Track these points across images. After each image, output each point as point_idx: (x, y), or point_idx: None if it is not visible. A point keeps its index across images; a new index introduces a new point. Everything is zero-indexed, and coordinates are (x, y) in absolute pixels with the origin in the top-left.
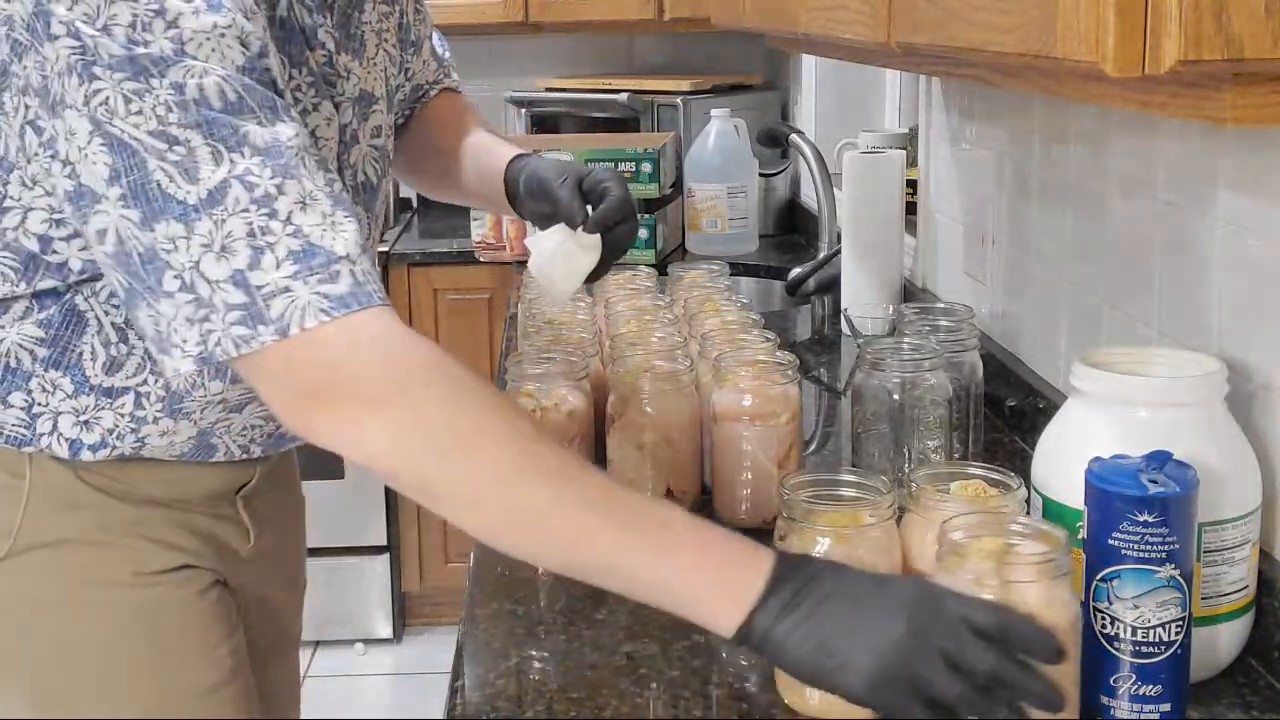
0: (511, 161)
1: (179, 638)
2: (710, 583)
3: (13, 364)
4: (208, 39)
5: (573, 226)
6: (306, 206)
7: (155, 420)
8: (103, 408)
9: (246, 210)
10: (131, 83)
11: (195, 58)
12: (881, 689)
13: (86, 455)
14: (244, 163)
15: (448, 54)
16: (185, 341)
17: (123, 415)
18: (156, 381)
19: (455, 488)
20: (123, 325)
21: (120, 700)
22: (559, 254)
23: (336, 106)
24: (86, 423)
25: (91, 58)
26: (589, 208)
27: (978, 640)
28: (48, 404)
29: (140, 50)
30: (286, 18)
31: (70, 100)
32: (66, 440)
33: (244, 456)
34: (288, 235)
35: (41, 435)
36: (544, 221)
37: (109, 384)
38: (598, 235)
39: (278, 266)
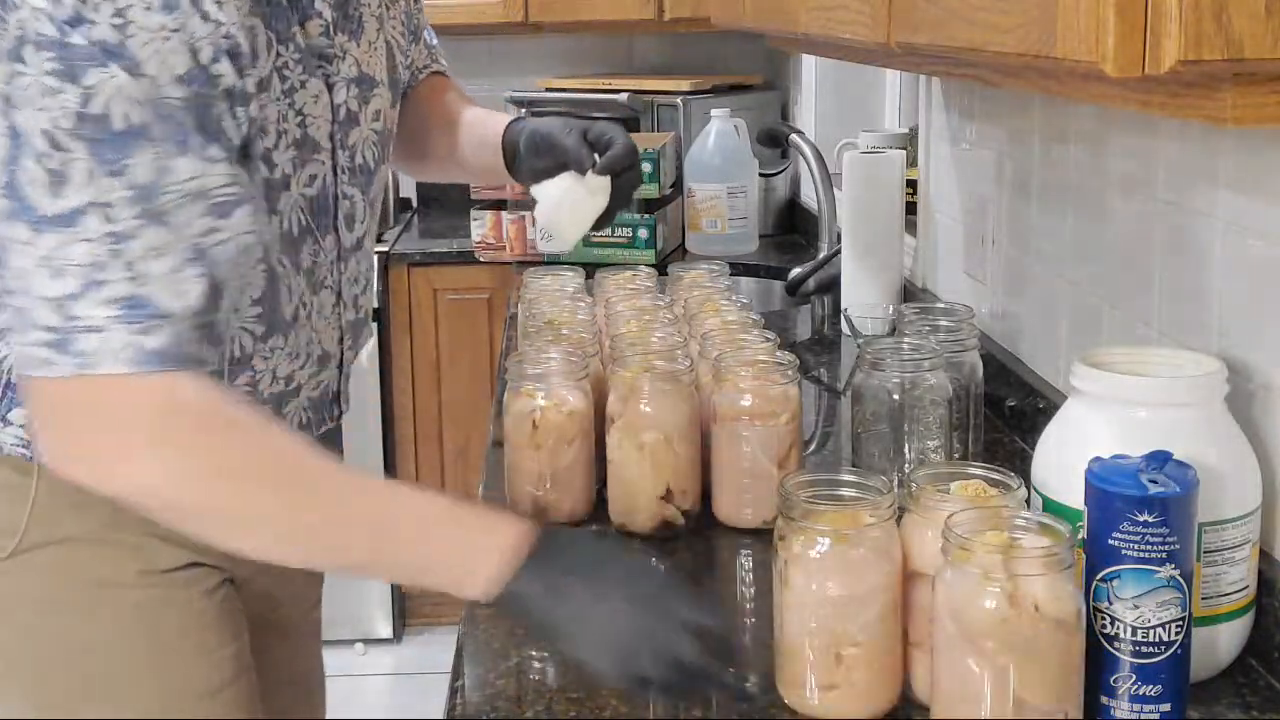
0: (509, 125)
1: (181, 638)
2: (462, 562)
3: (13, 379)
4: (151, 39)
5: (581, 171)
6: (159, 255)
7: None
8: None
9: (95, 241)
10: (52, 77)
11: (130, 57)
12: (616, 660)
13: None
14: (113, 194)
15: (435, 41)
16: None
17: None
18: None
19: (227, 514)
20: None
21: (121, 700)
22: (566, 200)
23: (330, 86)
24: None
25: (20, 37)
26: (595, 155)
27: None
28: None
29: (75, 39)
30: None
31: None
32: None
33: None
34: (126, 279)
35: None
36: (545, 176)
37: None
38: (606, 179)
39: (103, 305)
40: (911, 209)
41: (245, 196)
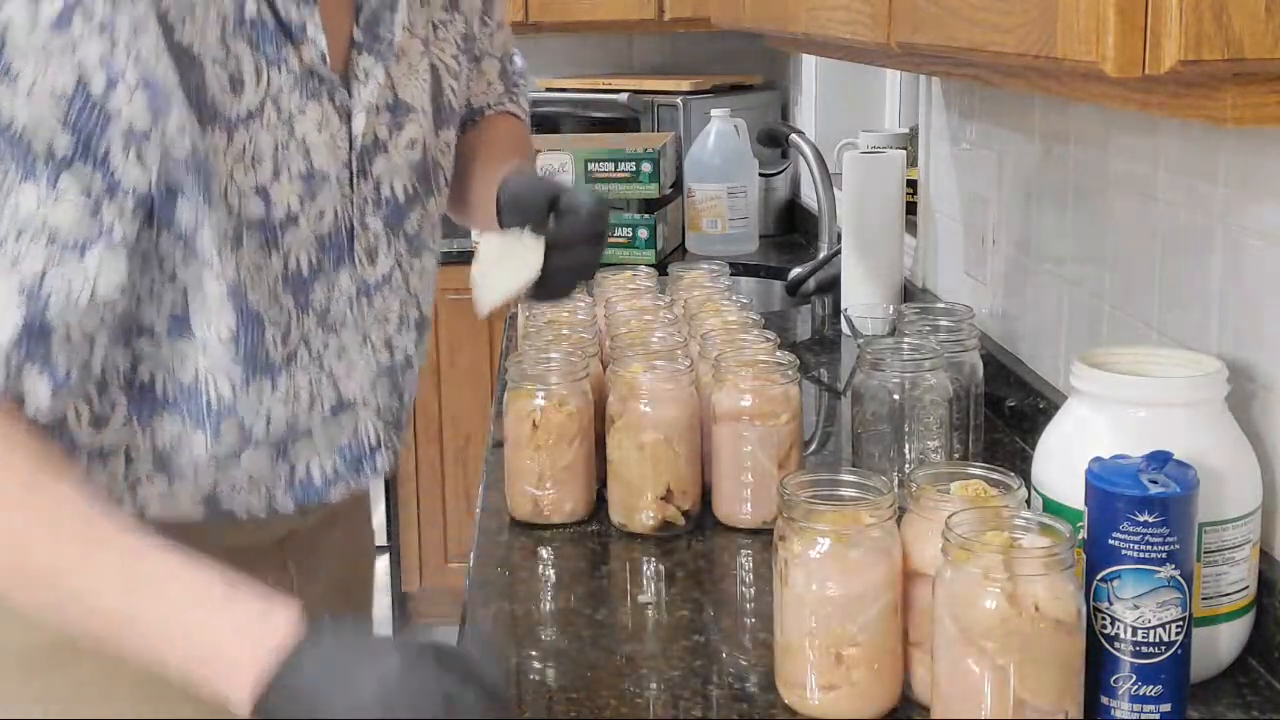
0: (504, 179)
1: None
2: (222, 655)
3: None
4: (34, 55)
5: (530, 228)
6: None
7: (150, 479)
8: (94, 469)
9: None
10: None
11: (11, 73)
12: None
13: None
14: None
15: (520, 80)
16: None
17: (116, 477)
18: (146, 437)
19: None
20: (100, 378)
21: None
22: (496, 256)
23: (345, 112)
24: None
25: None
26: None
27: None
28: None
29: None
30: (257, 16)
31: None
32: None
33: (274, 513)
34: None
35: None
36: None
37: (98, 443)
38: (541, 243)
39: None
40: (912, 209)
41: (111, 241)
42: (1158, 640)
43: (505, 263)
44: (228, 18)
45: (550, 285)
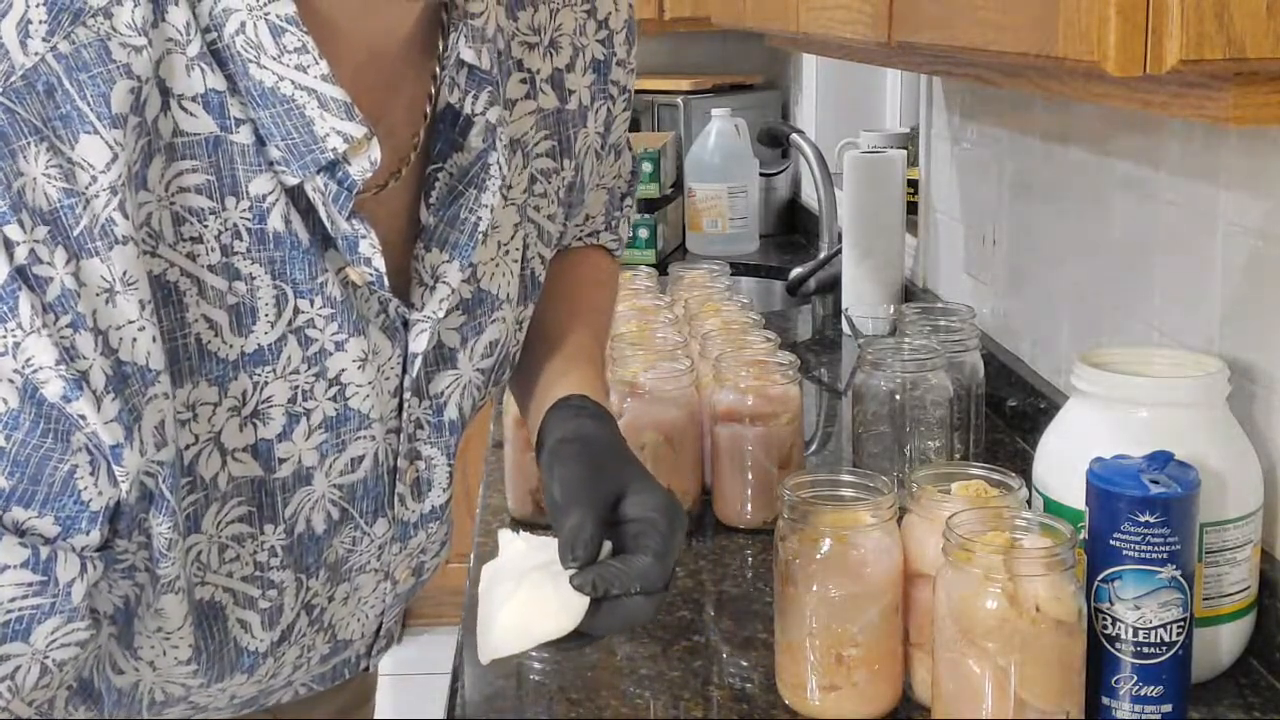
0: (554, 407)
1: None
2: None
3: None
4: None
5: (563, 562)
6: None
7: None
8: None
9: None
10: None
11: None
12: None
13: None
14: None
15: (630, 198)
16: None
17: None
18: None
19: None
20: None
21: None
22: (518, 577)
23: (401, 327)
24: None
25: None
26: (608, 544)
27: None
28: None
29: None
30: (285, 231)
31: None
32: None
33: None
34: None
35: None
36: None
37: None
38: (584, 600)
39: None
40: (912, 209)
41: (68, 603)
42: (1159, 641)
43: (530, 598)
44: (240, 232)
45: (589, 634)
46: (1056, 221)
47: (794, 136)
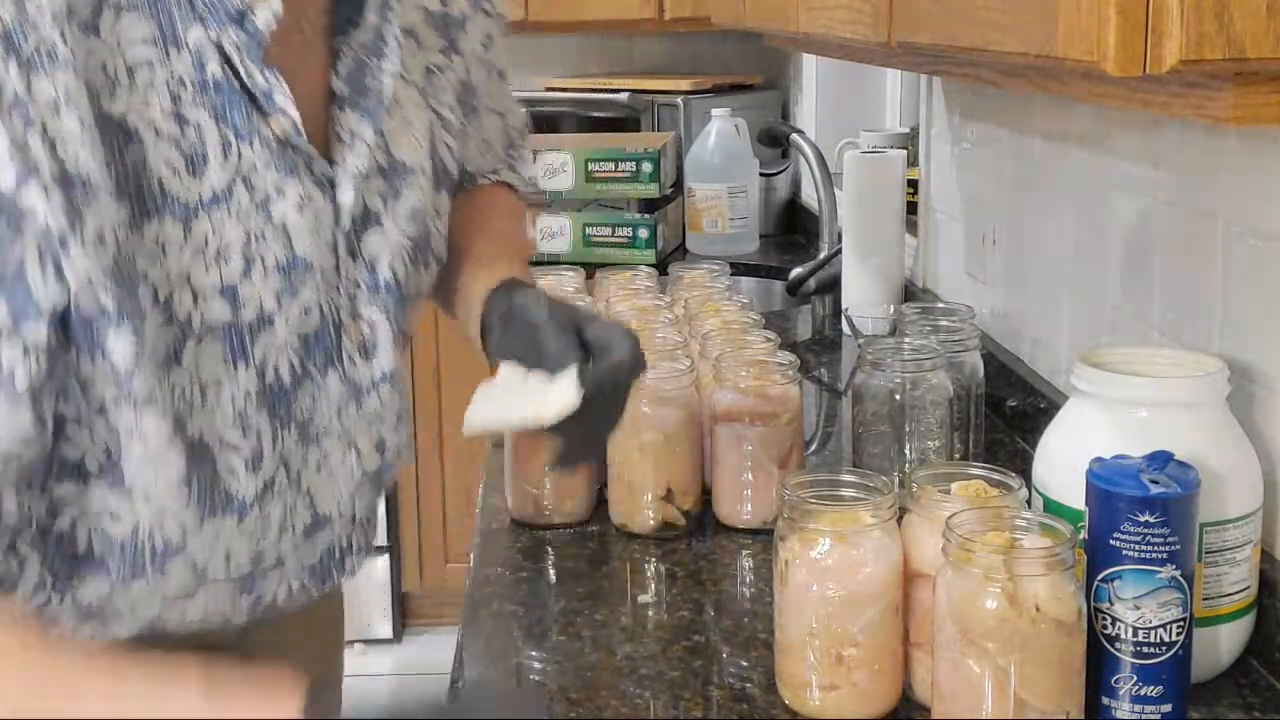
0: (492, 294)
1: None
2: None
3: None
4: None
5: (557, 366)
6: None
7: (76, 630)
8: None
9: None
10: None
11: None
12: None
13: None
14: None
15: (521, 142)
16: None
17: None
18: (66, 599)
19: None
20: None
21: None
22: (510, 384)
23: (328, 183)
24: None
25: None
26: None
27: None
28: None
29: None
30: (223, 78)
31: None
32: None
33: (227, 622)
34: None
35: None
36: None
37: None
38: (572, 388)
39: None
40: (912, 209)
41: (11, 390)
42: (1158, 640)
43: (514, 387)
44: (184, 81)
45: (570, 450)
46: (1056, 221)
47: (794, 136)
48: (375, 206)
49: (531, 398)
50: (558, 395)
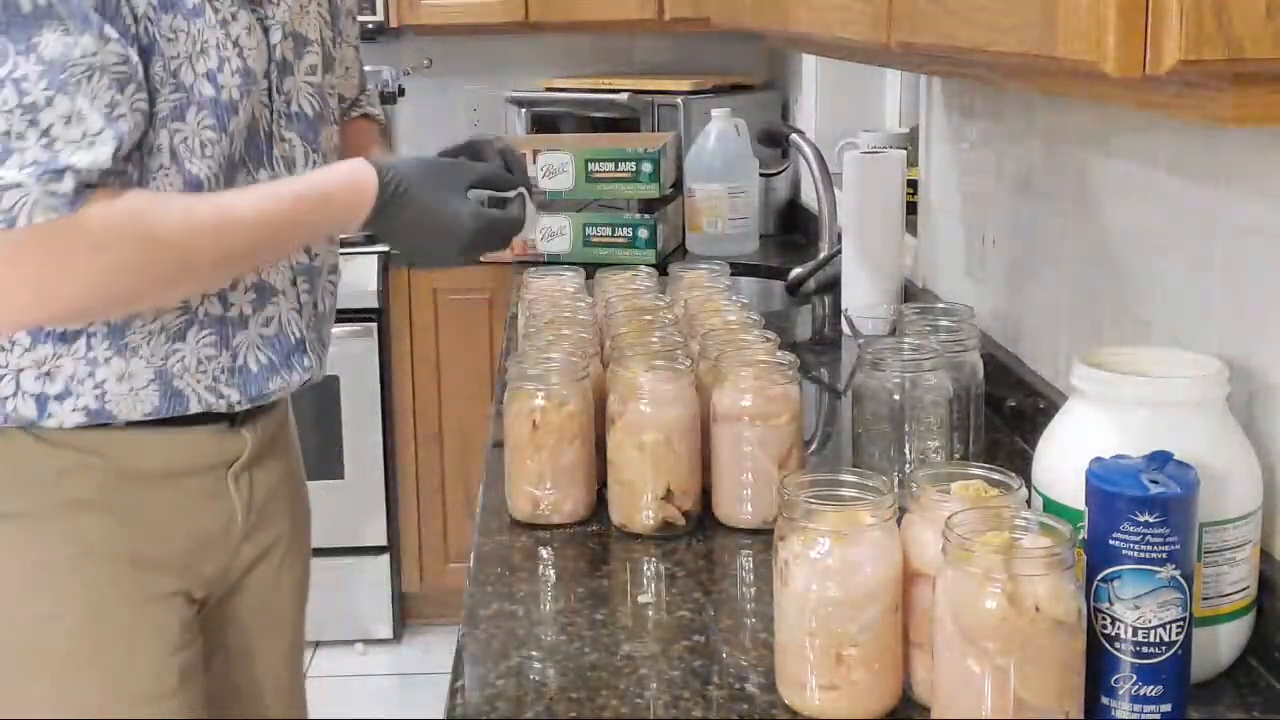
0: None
1: (123, 636)
2: (345, 205)
3: None
4: None
5: (510, 187)
6: (71, 122)
7: (107, 361)
8: (61, 355)
9: (10, 111)
10: None
11: None
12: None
13: (55, 409)
14: (25, 68)
15: (368, 84)
16: None
17: (79, 359)
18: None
19: (167, 281)
20: None
21: (60, 682)
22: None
23: (264, 28)
24: (49, 373)
25: None
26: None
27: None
28: (7, 363)
29: None
30: None
31: None
32: (32, 397)
33: (225, 409)
34: (40, 145)
35: (6, 399)
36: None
37: (62, 328)
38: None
39: (20, 168)
40: (912, 209)
41: (135, 74)
42: (1158, 640)
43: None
44: None
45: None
46: (1056, 221)
47: (794, 136)
48: (289, 58)
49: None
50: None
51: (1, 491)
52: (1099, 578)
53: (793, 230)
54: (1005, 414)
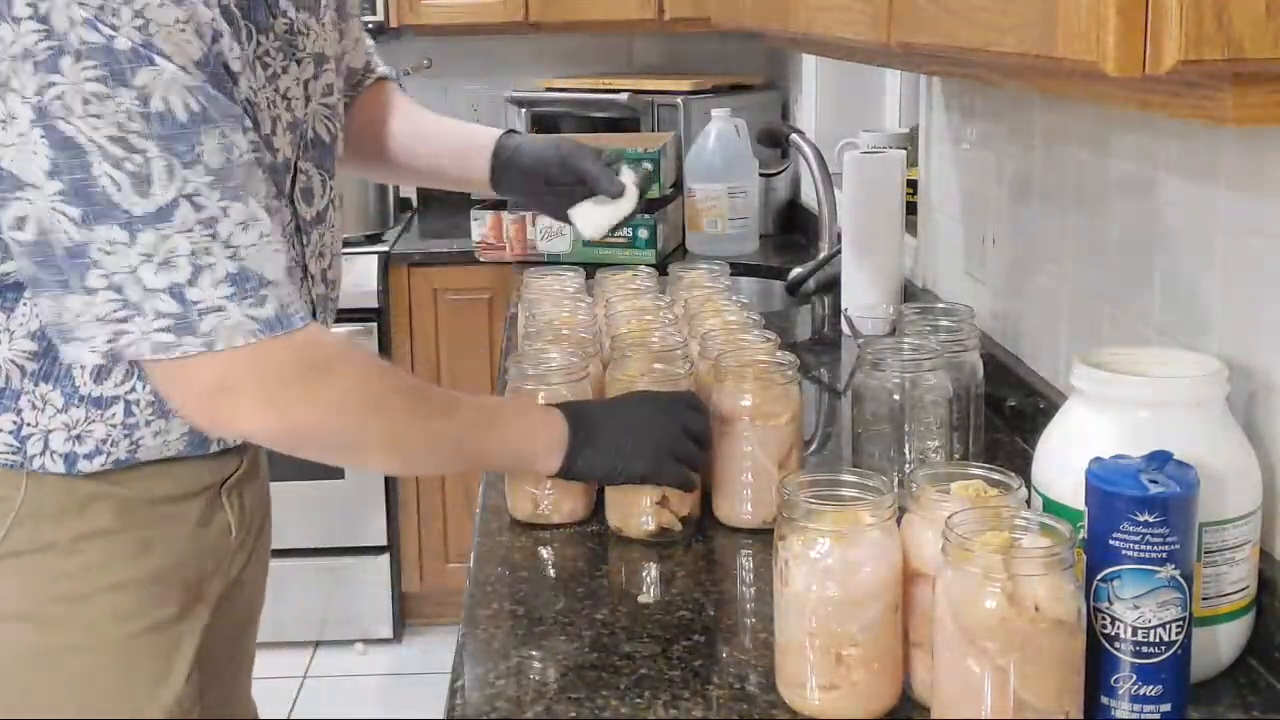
0: (501, 139)
1: (138, 668)
2: (536, 445)
3: (2, 383)
4: (170, 32)
5: (611, 194)
6: (247, 228)
7: (148, 423)
8: (94, 420)
9: (191, 230)
10: (96, 84)
11: (161, 53)
12: (650, 460)
13: (84, 465)
14: (195, 182)
15: (371, 42)
16: (92, 337)
17: (114, 425)
18: (145, 387)
19: (370, 440)
20: None
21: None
22: (606, 216)
23: (299, 64)
24: (79, 436)
25: (57, 47)
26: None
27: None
28: (37, 423)
29: (105, 41)
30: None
31: (18, 85)
32: (61, 456)
33: (236, 442)
34: (226, 258)
35: (33, 457)
36: (563, 193)
37: (98, 393)
38: (634, 188)
39: (215, 286)
40: (912, 209)
41: (263, 159)
42: (1158, 640)
43: (595, 210)
44: (131, 114)
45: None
46: (1056, 221)
47: (794, 136)
48: (310, 85)
49: (608, 206)
50: (630, 193)
51: (21, 525)
52: (1099, 577)
53: (793, 230)
54: (1005, 414)
